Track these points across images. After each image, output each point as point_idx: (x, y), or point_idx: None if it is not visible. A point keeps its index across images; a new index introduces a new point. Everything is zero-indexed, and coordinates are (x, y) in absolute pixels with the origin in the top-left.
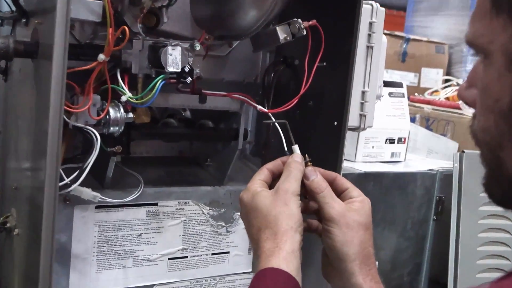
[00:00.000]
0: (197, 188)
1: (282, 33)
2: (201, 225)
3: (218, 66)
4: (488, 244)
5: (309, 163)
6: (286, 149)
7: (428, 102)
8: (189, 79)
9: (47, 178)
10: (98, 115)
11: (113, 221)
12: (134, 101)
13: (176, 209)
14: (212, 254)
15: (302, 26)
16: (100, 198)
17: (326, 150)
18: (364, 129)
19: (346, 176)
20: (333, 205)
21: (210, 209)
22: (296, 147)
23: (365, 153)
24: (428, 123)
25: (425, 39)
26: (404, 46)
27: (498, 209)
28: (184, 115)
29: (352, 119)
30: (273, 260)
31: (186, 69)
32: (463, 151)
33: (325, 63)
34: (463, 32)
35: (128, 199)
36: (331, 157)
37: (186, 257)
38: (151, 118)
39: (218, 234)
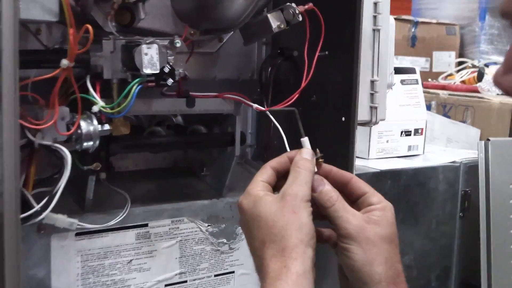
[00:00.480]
0: (193, 203)
1: (274, 21)
2: (200, 244)
3: (208, 64)
4: None
5: (320, 160)
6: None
7: (443, 87)
8: (170, 81)
9: (6, 207)
10: (68, 129)
11: (98, 249)
12: (108, 110)
13: (169, 228)
14: (215, 275)
15: (297, 11)
16: (79, 224)
17: (335, 149)
18: (376, 123)
19: (360, 176)
20: (348, 218)
21: (208, 225)
22: (305, 140)
23: (379, 148)
24: (445, 110)
25: (434, 21)
26: (413, 30)
27: None
28: (176, 121)
29: (362, 113)
30: (280, 285)
31: (166, 70)
32: (488, 139)
33: (327, 52)
34: (474, 11)
35: (112, 222)
36: (341, 157)
37: (186, 281)
38: (137, 128)
39: (220, 252)
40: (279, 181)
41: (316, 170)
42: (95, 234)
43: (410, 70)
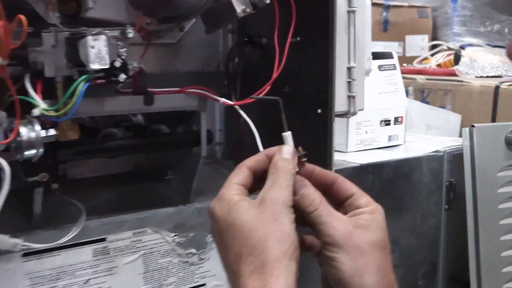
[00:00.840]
0: (156, 211)
1: (239, 4)
2: (166, 256)
3: (169, 56)
4: None
5: (303, 159)
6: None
7: (419, 72)
8: (123, 77)
9: None
10: (6, 137)
11: (49, 270)
12: (51, 113)
13: (131, 242)
14: None
15: None
16: (23, 245)
17: (312, 144)
18: (354, 113)
19: (339, 172)
20: (333, 224)
21: (175, 235)
22: (288, 136)
23: (358, 140)
24: (423, 95)
25: (406, 4)
26: (385, 14)
27: None
28: (136, 121)
29: (339, 103)
30: None
31: (117, 64)
32: (473, 125)
33: (298, 38)
34: None
35: (64, 239)
36: (319, 152)
37: None
38: (91, 130)
39: (189, 264)
40: (256, 183)
41: (297, 170)
42: (45, 254)
43: (387, 55)
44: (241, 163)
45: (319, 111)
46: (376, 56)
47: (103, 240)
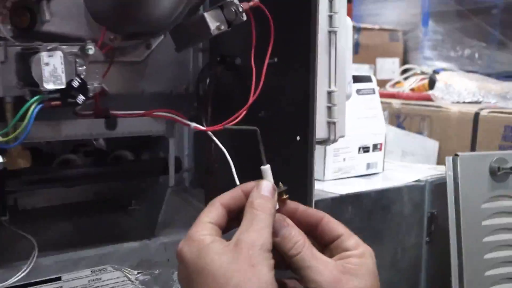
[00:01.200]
0: (118, 247)
1: (213, 21)
2: None
3: (134, 75)
4: (499, 265)
5: (284, 196)
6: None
7: (393, 96)
8: (81, 98)
9: None
10: None
11: None
12: None
13: (89, 281)
14: None
15: (241, 9)
16: None
17: (290, 175)
18: (335, 140)
19: (317, 203)
20: (318, 269)
21: (139, 273)
22: (267, 170)
23: (336, 168)
24: (399, 120)
25: (377, 27)
26: (356, 36)
27: (505, 221)
28: (97, 145)
29: (319, 130)
30: None
31: (75, 84)
32: (457, 154)
33: (276, 59)
34: (416, 15)
35: (12, 280)
36: (298, 183)
37: None
38: (46, 156)
39: None
40: (230, 222)
41: (277, 208)
42: None
43: (366, 79)
44: (214, 199)
45: (298, 138)
46: (355, 79)
47: (58, 279)
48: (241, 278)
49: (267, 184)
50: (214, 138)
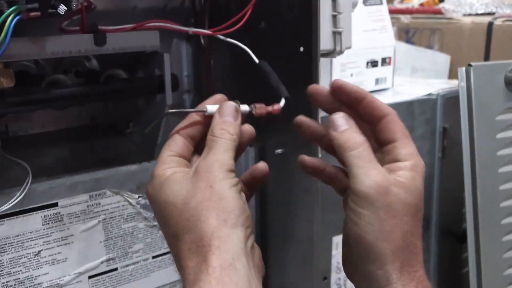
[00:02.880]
0: (116, 170)
1: None
2: (130, 221)
3: None
4: None
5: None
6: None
7: (402, 12)
8: (62, 8)
9: None
10: None
11: None
12: None
13: (87, 206)
14: (153, 257)
15: None
16: None
17: (293, 87)
18: (341, 52)
19: (323, 119)
20: (371, 173)
21: (139, 196)
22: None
23: None
24: (408, 35)
25: None
26: None
27: None
28: (90, 66)
29: (324, 40)
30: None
31: None
32: (470, 65)
33: None
34: None
35: (6, 206)
36: (302, 97)
37: (116, 269)
38: (36, 77)
39: (158, 229)
40: (197, 152)
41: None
42: None
43: None
44: (172, 131)
45: (301, 49)
46: None
47: (54, 205)
48: (200, 198)
49: (228, 106)
50: (226, 38)
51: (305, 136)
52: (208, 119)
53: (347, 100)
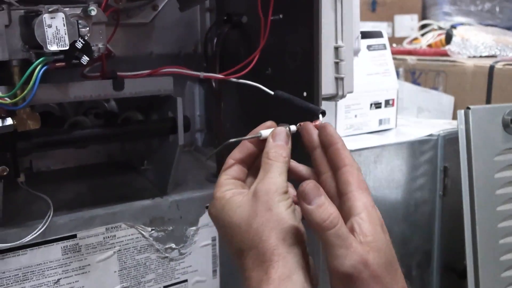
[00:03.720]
0: (131, 205)
1: None
2: (143, 252)
3: (142, 37)
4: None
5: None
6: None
7: (410, 52)
8: (85, 59)
9: None
10: None
11: (15, 270)
12: (6, 101)
13: (104, 238)
14: (165, 287)
15: None
16: None
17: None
18: (343, 96)
19: None
20: (351, 249)
21: (152, 229)
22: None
23: (347, 125)
24: (414, 76)
25: None
26: None
27: None
28: (109, 108)
29: (327, 86)
30: None
31: (78, 45)
32: (469, 107)
33: (281, 16)
34: None
35: (29, 237)
36: None
37: None
38: (58, 119)
39: (169, 260)
40: (251, 172)
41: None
42: (9, 253)
43: (377, 34)
44: (228, 157)
45: (304, 94)
46: (365, 35)
47: (73, 236)
48: (261, 221)
49: (280, 131)
50: (239, 80)
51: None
52: (261, 143)
53: (324, 142)
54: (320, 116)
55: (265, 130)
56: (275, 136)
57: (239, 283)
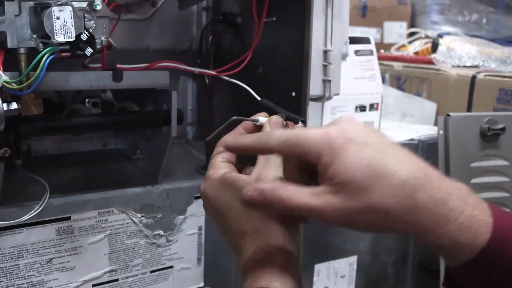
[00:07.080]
0: (123, 191)
1: None
2: (133, 237)
3: (140, 32)
4: None
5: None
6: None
7: (396, 59)
8: (89, 50)
9: None
10: None
11: (10, 247)
12: (13, 86)
13: (96, 221)
14: (151, 271)
15: None
16: None
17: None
18: (329, 98)
19: None
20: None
21: (142, 216)
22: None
23: None
24: (399, 82)
25: None
26: None
27: (493, 180)
28: (105, 98)
29: (314, 87)
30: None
31: (83, 37)
32: (449, 115)
33: (274, 18)
34: None
35: (26, 217)
36: None
37: (117, 280)
38: (57, 106)
39: (156, 246)
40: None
41: None
42: (6, 231)
43: (364, 40)
44: (219, 141)
45: (293, 94)
46: (353, 40)
47: (67, 219)
48: None
49: (277, 119)
50: (230, 79)
51: None
52: (256, 130)
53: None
54: (300, 123)
55: (262, 118)
56: (272, 123)
57: (222, 272)
